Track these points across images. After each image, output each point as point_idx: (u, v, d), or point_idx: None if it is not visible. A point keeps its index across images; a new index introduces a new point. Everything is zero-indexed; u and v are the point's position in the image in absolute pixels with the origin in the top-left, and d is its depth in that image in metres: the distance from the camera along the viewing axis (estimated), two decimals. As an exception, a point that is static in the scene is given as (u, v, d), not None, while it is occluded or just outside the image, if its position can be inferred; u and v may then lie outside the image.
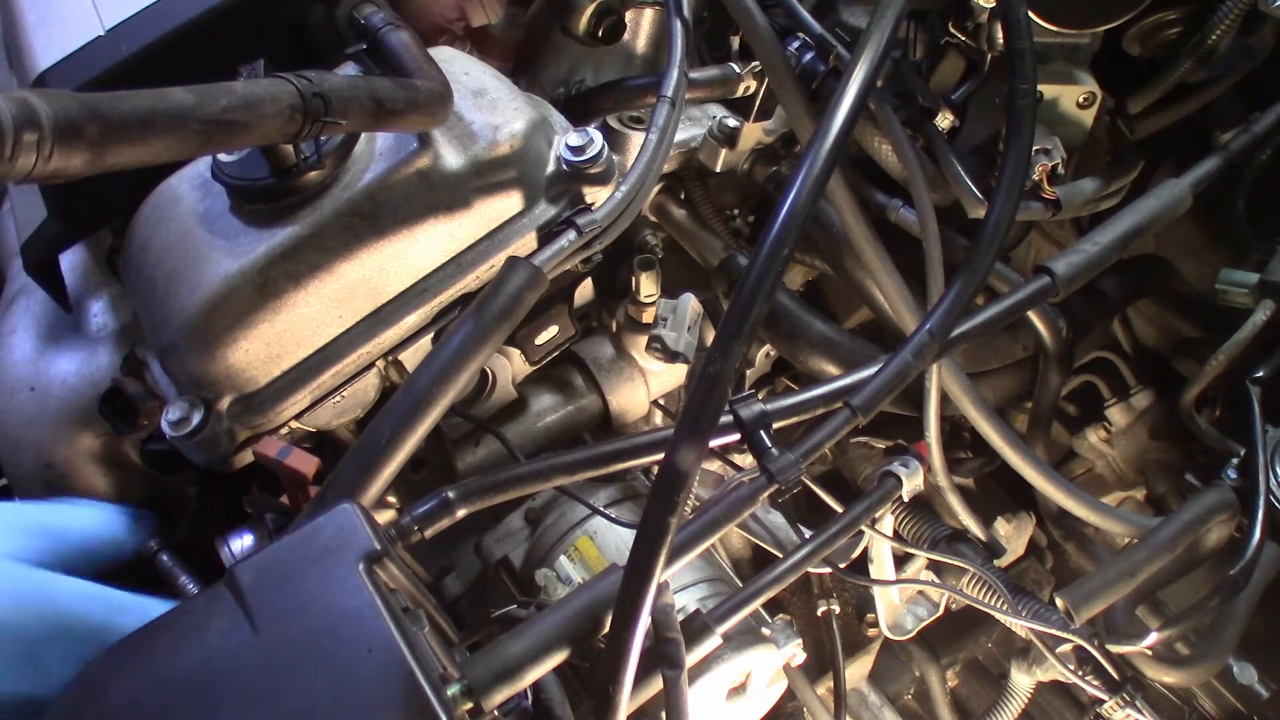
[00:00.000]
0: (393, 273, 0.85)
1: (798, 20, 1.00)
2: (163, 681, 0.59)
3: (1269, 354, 1.08)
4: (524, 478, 0.80)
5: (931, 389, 0.93)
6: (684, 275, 1.22)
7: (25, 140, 0.49)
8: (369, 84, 0.75)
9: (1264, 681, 1.13)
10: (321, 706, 0.57)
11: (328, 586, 0.61)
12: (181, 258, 0.83)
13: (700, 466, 0.66)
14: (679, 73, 0.93)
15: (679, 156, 1.16)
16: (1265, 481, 0.98)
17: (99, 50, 0.89)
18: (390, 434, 0.74)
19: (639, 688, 0.72)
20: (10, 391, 0.99)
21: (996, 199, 0.88)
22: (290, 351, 0.83)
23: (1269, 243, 1.16)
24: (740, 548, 1.31)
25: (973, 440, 1.28)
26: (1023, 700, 1.16)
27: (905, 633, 1.14)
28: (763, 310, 0.69)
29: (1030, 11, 0.94)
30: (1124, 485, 1.33)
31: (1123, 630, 1.01)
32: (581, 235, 0.87)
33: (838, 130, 0.76)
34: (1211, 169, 1.01)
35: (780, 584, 0.82)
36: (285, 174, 0.81)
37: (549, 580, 0.96)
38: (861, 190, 1.06)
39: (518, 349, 1.02)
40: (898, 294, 0.96)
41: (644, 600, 0.65)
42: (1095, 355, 1.36)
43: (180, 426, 0.81)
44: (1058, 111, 1.05)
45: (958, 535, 1.11)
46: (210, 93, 0.61)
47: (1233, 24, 1.02)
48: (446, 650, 0.66)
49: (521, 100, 0.92)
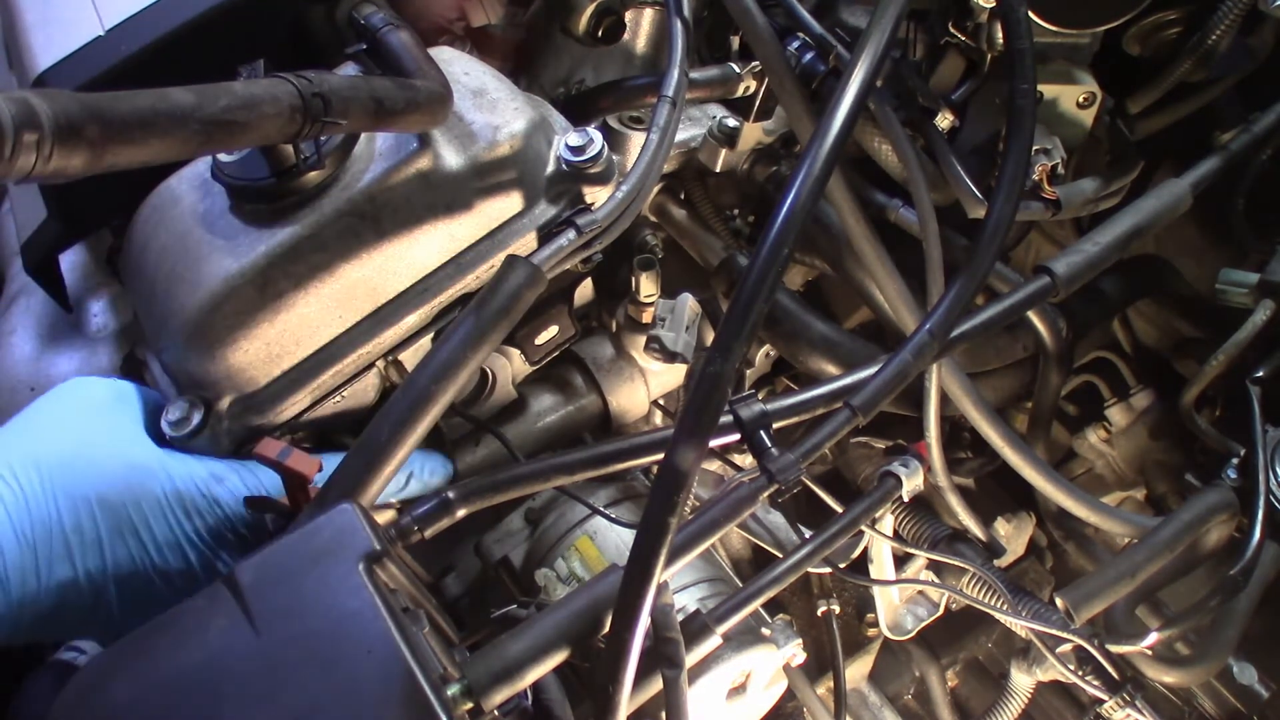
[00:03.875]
0: (393, 273, 0.85)
1: (798, 20, 1.00)
2: (163, 681, 0.59)
3: (1269, 354, 1.08)
4: (524, 478, 0.80)
5: (931, 389, 0.93)
6: (684, 275, 1.22)
7: (25, 140, 0.49)
8: (369, 84, 0.75)
9: (1264, 681, 1.14)
10: (321, 706, 0.57)
11: (328, 586, 0.61)
12: (181, 258, 0.83)
13: (700, 466, 0.66)
14: (679, 73, 0.93)
15: (679, 156, 1.16)
16: (1265, 481, 0.98)
17: (99, 50, 0.88)
18: (390, 434, 0.74)
19: (639, 688, 0.72)
20: (10, 391, 0.98)
21: (996, 199, 0.88)
22: (290, 351, 0.83)
23: (1269, 243, 1.16)
24: (740, 548, 1.31)
25: (973, 440, 1.28)
26: (1023, 700, 1.16)
27: (905, 633, 1.14)
28: (763, 310, 0.69)
29: (1030, 11, 0.94)
30: (1124, 485, 1.33)
31: (1123, 630, 1.01)
32: (581, 235, 0.87)
33: (838, 130, 0.76)
34: (1211, 169, 1.01)
35: (780, 584, 0.82)
36: (285, 174, 0.80)
37: (549, 580, 0.96)
38: (861, 190, 1.06)
39: (517, 349, 1.02)
40: (898, 294, 0.96)
41: (644, 600, 0.65)
42: (1095, 355, 1.37)
43: (180, 426, 0.81)
44: (1058, 111, 1.05)
45: (958, 535, 1.11)
46: (210, 93, 0.61)
47: (1233, 24, 1.02)
48: (446, 650, 0.66)
49: (521, 100, 0.92)
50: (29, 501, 0.68)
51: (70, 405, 0.76)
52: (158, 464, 0.74)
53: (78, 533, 0.68)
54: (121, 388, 0.80)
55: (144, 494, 0.71)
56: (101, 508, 0.70)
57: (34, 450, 0.70)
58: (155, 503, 0.71)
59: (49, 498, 0.68)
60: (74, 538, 0.68)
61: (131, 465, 0.73)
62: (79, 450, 0.72)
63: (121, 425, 0.76)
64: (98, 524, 0.69)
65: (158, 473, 0.73)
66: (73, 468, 0.70)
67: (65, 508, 0.69)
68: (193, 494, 0.73)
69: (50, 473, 0.69)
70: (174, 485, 0.73)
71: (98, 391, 0.78)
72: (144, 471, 0.73)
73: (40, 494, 0.68)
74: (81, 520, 0.69)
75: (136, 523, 0.71)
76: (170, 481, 0.73)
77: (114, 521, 0.70)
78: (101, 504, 0.70)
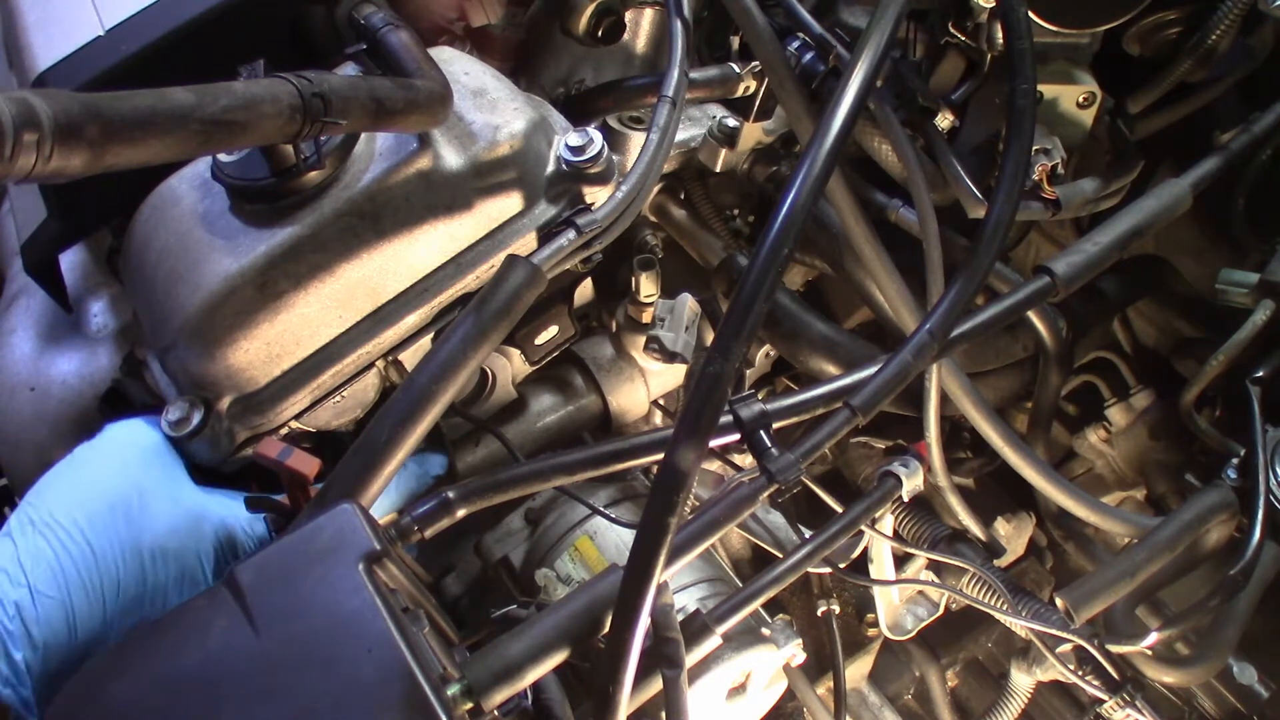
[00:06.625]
0: (393, 273, 0.85)
1: (798, 20, 1.00)
2: (163, 681, 0.59)
3: (1269, 354, 1.08)
4: (524, 478, 0.80)
5: (931, 389, 0.93)
6: (684, 275, 1.23)
7: (25, 140, 0.49)
8: (369, 84, 0.75)
9: (1264, 681, 1.14)
10: (321, 707, 0.57)
11: (328, 586, 0.61)
12: (181, 258, 0.83)
13: (700, 466, 0.66)
14: (679, 73, 0.93)
15: (679, 156, 1.16)
16: (1265, 481, 0.98)
17: (99, 50, 0.88)
18: (390, 433, 0.74)
19: (639, 688, 0.72)
20: (10, 391, 0.98)
21: (996, 199, 0.88)
22: (290, 351, 0.83)
23: (1269, 243, 1.16)
24: (740, 548, 1.31)
25: (973, 440, 1.28)
26: (1023, 700, 1.16)
27: (905, 633, 1.14)
28: (763, 310, 0.69)
29: (1030, 11, 0.94)
30: (1124, 485, 1.33)
31: (1123, 630, 1.01)
32: (581, 235, 0.87)
33: (838, 130, 0.76)
34: (1211, 169, 1.01)
35: (780, 584, 0.82)
36: (285, 174, 0.80)
37: (549, 580, 0.96)
38: (861, 190, 1.06)
39: (517, 349, 1.02)
40: (898, 294, 0.96)
41: (644, 600, 0.65)
42: (1095, 355, 1.36)
43: (180, 426, 0.81)
44: (1058, 111, 1.05)
45: (958, 535, 1.11)
46: (210, 93, 0.61)
47: (1233, 24, 1.02)
48: (446, 650, 0.66)
49: (521, 100, 0.92)
50: (96, 554, 0.69)
51: (118, 453, 0.78)
52: (209, 509, 0.76)
53: (142, 584, 0.70)
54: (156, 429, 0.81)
55: (201, 542, 0.74)
56: (165, 558, 0.71)
57: (96, 501, 0.72)
58: (210, 549, 0.74)
59: (115, 551, 0.70)
60: (140, 589, 0.70)
61: (188, 513, 0.75)
62: (139, 500, 0.73)
63: (171, 470, 0.78)
64: (162, 574, 0.71)
65: (211, 518, 0.75)
66: (135, 519, 0.72)
67: (132, 560, 0.70)
68: (241, 535, 0.76)
69: (114, 525, 0.71)
70: (226, 528, 0.76)
71: (145, 437, 0.80)
72: (199, 518, 0.75)
73: (108, 547, 0.70)
74: (145, 570, 0.71)
75: (195, 569, 0.73)
76: (223, 525, 0.76)
77: (177, 570, 0.72)
78: (165, 554, 0.72)
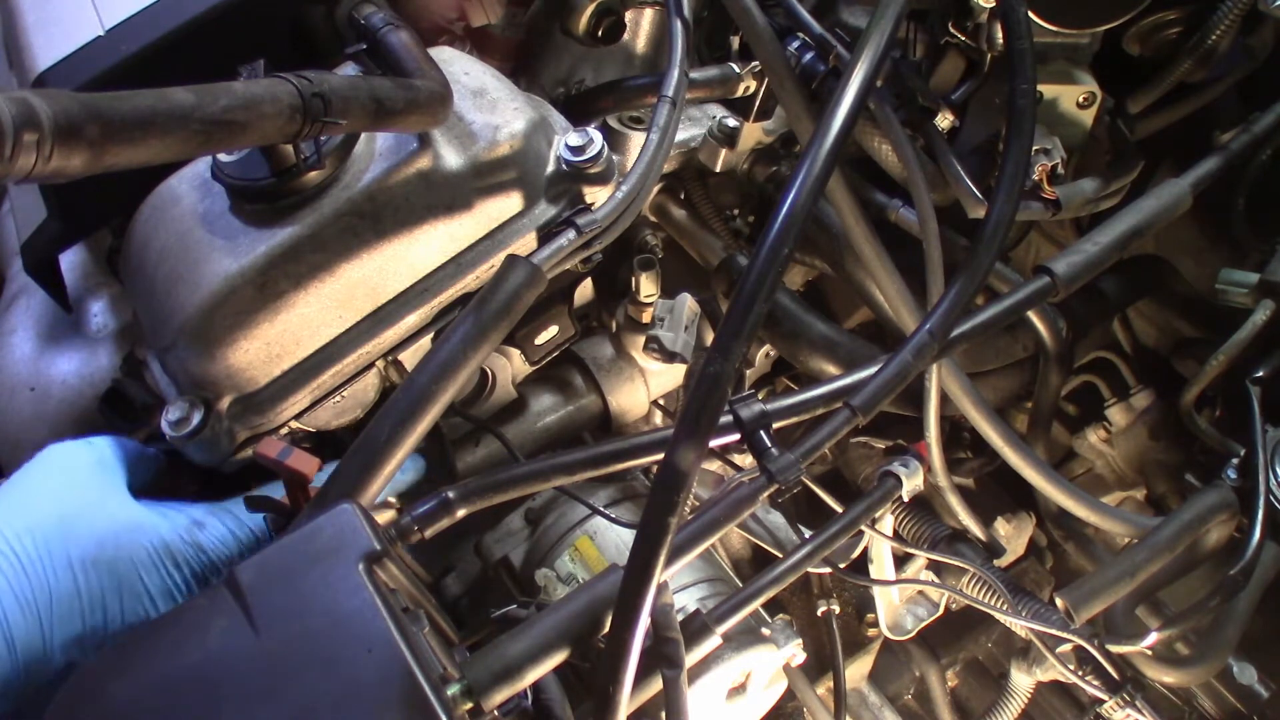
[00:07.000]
0: (393, 273, 0.85)
1: (798, 20, 1.00)
2: (162, 681, 0.59)
3: (1269, 354, 1.08)
4: (524, 478, 0.80)
5: (931, 389, 0.93)
6: (684, 275, 1.23)
7: (25, 140, 0.49)
8: (369, 84, 0.75)
9: (1264, 681, 1.14)
10: (321, 707, 0.57)
11: (328, 586, 0.61)
12: (181, 258, 0.83)
13: (700, 466, 0.66)
14: (679, 73, 0.93)
15: (679, 156, 1.16)
16: (1265, 481, 0.98)
17: (99, 50, 0.88)
18: (390, 433, 0.74)
19: (639, 688, 0.72)
20: (10, 391, 0.99)
21: (996, 199, 0.88)
22: (290, 351, 0.83)
23: (1269, 243, 1.16)
24: (740, 548, 1.31)
25: (973, 440, 1.28)
26: (1023, 700, 1.16)
27: (905, 633, 1.14)
28: (763, 310, 0.69)
29: (1030, 11, 0.94)
30: (1124, 485, 1.33)
31: (1123, 630, 1.01)
32: (581, 235, 0.87)
33: (838, 130, 0.76)
34: (1211, 169, 1.01)
35: (780, 584, 0.82)
36: (285, 174, 0.80)
37: (549, 580, 0.96)
38: (861, 190, 1.06)
39: (517, 349, 1.02)
40: (898, 294, 0.96)
41: (644, 600, 0.64)
42: (1095, 355, 1.36)
43: (180, 426, 0.81)
44: (1058, 111, 1.05)
45: (958, 535, 1.11)
46: (210, 93, 0.61)
47: (1233, 24, 1.02)
48: (446, 650, 0.66)
49: (521, 100, 0.92)
50: (27, 568, 0.70)
51: (54, 472, 0.79)
52: (144, 520, 0.77)
53: (76, 595, 0.71)
54: (99, 447, 0.82)
55: (136, 550, 0.74)
56: (98, 568, 0.72)
57: (26, 518, 0.73)
58: (146, 557, 0.74)
59: (47, 563, 0.71)
60: (74, 599, 0.71)
61: (121, 525, 0.75)
62: (70, 515, 0.74)
63: (106, 486, 0.79)
64: (96, 583, 0.72)
65: (146, 528, 0.76)
66: (66, 533, 0.73)
67: (63, 571, 0.71)
68: (178, 544, 0.76)
69: (45, 539, 0.71)
70: (161, 538, 0.76)
71: (79, 456, 0.80)
72: (133, 529, 0.76)
73: (38, 560, 0.71)
74: (79, 582, 0.71)
75: (132, 578, 0.73)
76: (158, 535, 0.76)
77: (113, 580, 0.72)
78: (97, 564, 0.72)
